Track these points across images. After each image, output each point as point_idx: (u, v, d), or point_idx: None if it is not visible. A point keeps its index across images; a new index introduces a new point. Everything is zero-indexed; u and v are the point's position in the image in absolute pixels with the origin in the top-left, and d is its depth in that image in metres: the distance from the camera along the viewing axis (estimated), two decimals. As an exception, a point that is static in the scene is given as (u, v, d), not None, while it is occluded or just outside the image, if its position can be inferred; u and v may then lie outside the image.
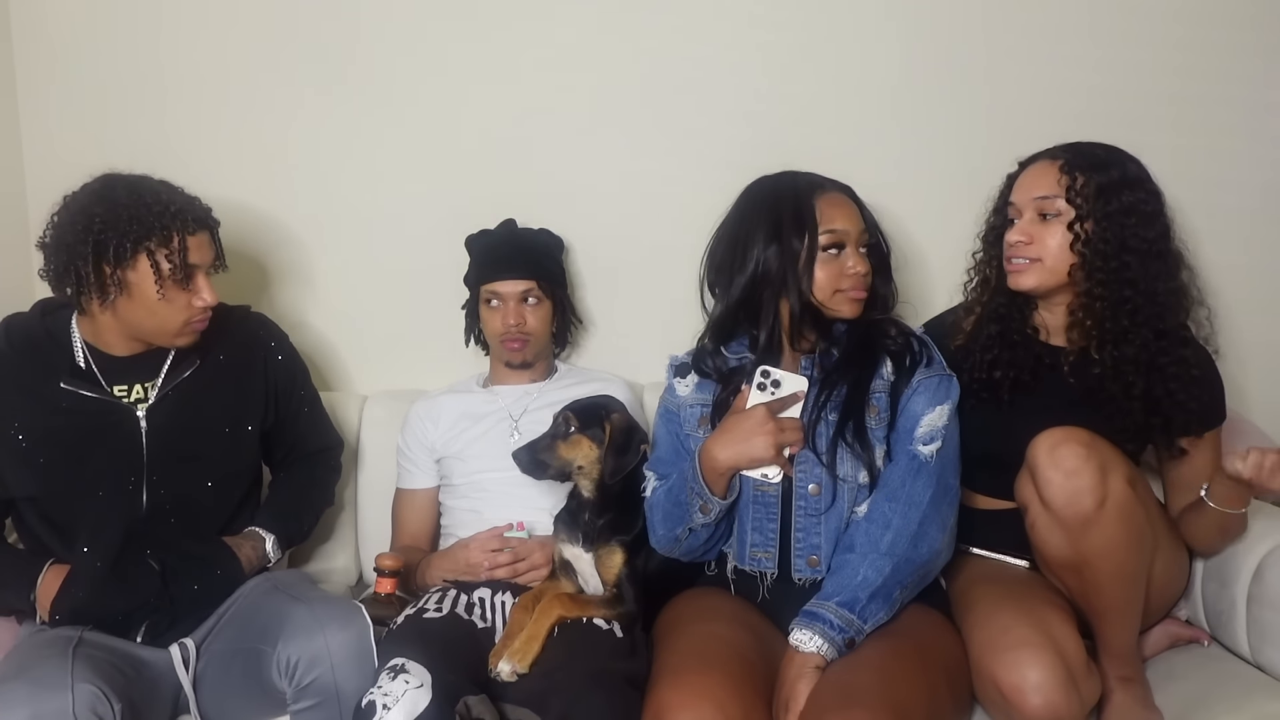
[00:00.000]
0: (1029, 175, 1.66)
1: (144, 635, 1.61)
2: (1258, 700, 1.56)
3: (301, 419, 1.87)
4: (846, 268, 1.55)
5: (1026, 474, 1.52)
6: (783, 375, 1.52)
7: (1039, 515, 1.51)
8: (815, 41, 2.17)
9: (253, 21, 2.17)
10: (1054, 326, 1.70)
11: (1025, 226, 1.63)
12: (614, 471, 1.63)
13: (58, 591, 1.57)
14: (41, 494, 1.60)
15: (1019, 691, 1.38)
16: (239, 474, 1.76)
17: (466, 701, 1.40)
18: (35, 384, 1.59)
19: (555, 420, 1.68)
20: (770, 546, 1.58)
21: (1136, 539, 1.49)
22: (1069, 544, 1.48)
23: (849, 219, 1.57)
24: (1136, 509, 1.49)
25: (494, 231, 2.02)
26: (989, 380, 1.67)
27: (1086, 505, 1.44)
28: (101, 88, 2.18)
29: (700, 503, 1.53)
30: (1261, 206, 2.21)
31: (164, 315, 1.58)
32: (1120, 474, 1.47)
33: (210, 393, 1.69)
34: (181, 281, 1.57)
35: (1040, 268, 1.62)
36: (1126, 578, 1.50)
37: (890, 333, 1.60)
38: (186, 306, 1.59)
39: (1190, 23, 2.16)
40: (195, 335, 1.64)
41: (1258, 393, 2.18)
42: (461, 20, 2.17)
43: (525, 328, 1.92)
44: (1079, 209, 1.58)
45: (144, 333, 1.62)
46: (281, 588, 1.65)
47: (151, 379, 1.65)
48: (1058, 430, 1.48)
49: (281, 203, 2.22)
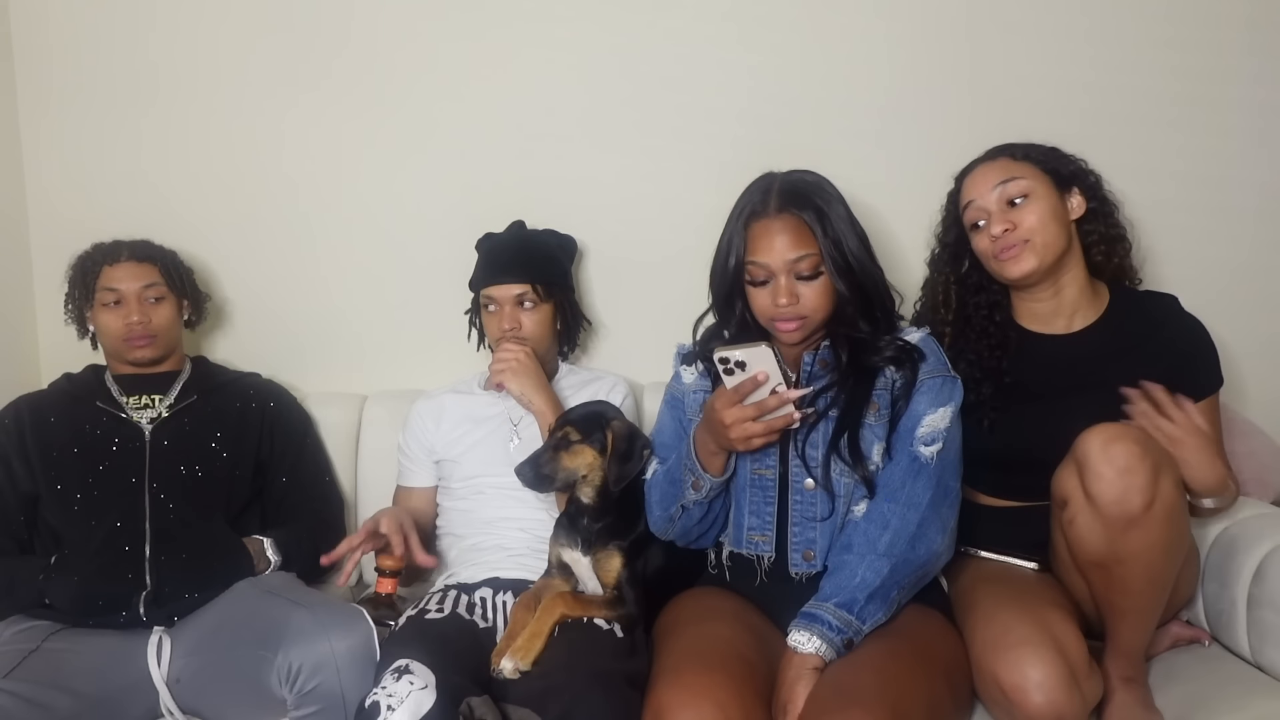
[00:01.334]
0: (977, 175, 1.70)
1: (145, 607, 1.66)
2: (1258, 701, 1.56)
3: (302, 468, 1.97)
4: (777, 293, 1.53)
5: (1071, 467, 1.49)
6: (743, 354, 1.43)
7: (1080, 510, 1.48)
8: (813, 45, 2.18)
9: (253, 22, 2.18)
10: (1041, 316, 1.71)
11: (1000, 217, 1.65)
12: (619, 479, 1.64)
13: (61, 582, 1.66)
14: (59, 489, 1.78)
15: (1021, 690, 1.38)
16: (235, 495, 1.87)
17: (470, 702, 1.40)
18: (76, 406, 1.87)
19: (553, 433, 1.68)
20: (768, 530, 1.58)
21: (1176, 543, 1.48)
22: (1107, 542, 1.46)
23: (776, 251, 1.52)
24: (1181, 514, 1.48)
25: (499, 235, 2.01)
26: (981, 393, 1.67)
27: (1135, 504, 1.42)
28: (98, 87, 2.19)
29: (692, 479, 1.54)
30: (1261, 206, 2.22)
31: (108, 332, 1.90)
32: (1171, 477, 1.45)
33: (211, 422, 1.89)
34: (111, 305, 1.89)
35: (1033, 246, 1.63)
36: (1155, 581, 1.49)
37: (879, 346, 1.57)
38: (122, 324, 1.88)
39: (1185, 22, 2.17)
40: (143, 349, 1.89)
41: (1257, 392, 2.19)
42: (462, 20, 2.17)
43: (521, 332, 1.90)
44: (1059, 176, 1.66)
45: (110, 351, 1.93)
46: (276, 592, 1.66)
47: (161, 393, 1.90)
48: (1110, 426, 1.46)
49: (281, 203, 2.22)
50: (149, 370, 1.92)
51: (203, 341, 2.24)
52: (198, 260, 2.13)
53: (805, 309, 1.54)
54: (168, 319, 1.93)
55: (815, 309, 1.55)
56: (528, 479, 1.65)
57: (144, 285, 1.90)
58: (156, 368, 1.93)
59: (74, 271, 1.95)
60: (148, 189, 2.20)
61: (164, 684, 1.61)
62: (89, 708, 1.53)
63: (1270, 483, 1.96)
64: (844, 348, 1.58)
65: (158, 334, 1.90)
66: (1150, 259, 1.79)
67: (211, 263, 2.21)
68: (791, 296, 1.53)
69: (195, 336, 2.18)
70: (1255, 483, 1.92)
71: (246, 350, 2.23)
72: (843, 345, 1.58)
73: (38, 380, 2.17)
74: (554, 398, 1.87)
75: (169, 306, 1.94)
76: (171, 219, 2.13)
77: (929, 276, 1.81)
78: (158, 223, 2.07)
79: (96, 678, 1.57)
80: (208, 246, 2.19)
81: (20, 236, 2.20)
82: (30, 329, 2.23)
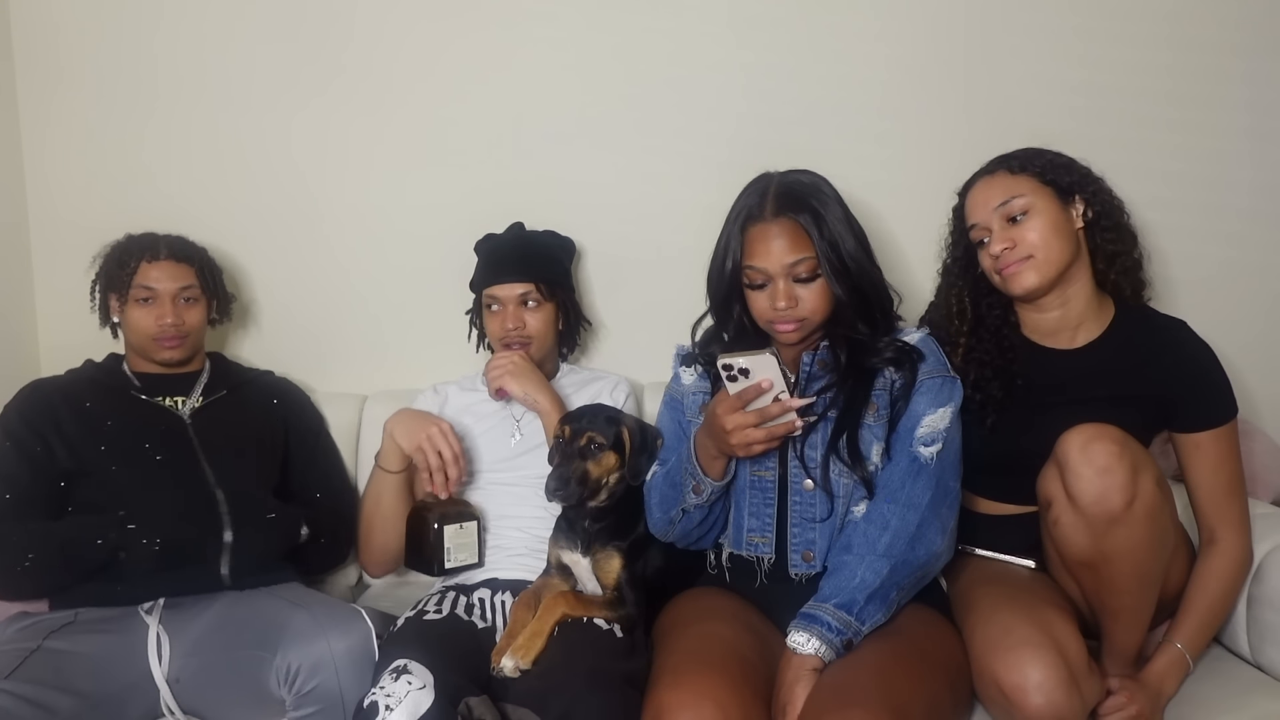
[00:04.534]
0: (977, 194, 1.68)
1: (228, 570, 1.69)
2: (1258, 700, 1.56)
3: (318, 462, 1.98)
4: (775, 296, 1.54)
5: (1053, 469, 1.51)
6: (747, 361, 1.43)
7: (1064, 511, 1.49)
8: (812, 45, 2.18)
9: (253, 23, 2.17)
10: (1045, 329, 1.70)
11: (1001, 235, 1.64)
12: (638, 472, 1.65)
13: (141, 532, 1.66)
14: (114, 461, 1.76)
15: (1020, 691, 1.38)
16: (269, 481, 1.88)
17: (468, 703, 1.40)
18: (112, 395, 1.86)
19: (570, 441, 1.64)
20: (767, 531, 1.58)
21: (1159, 541, 1.49)
22: (1092, 541, 1.47)
23: (773, 256, 1.52)
24: (1162, 512, 1.48)
25: (500, 236, 2.02)
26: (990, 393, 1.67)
27: (1116, 503, 1.43)
28: (101, 87, 2.18)
29: (693, 484, 1.54)
30: (1261, 206, 2.22)
31: (138, 328, 1.87)
32: (1151, 475, 1.46)
33: (242, 413, 1.91)
34: (143, 301, 1.86)
35: (1035, 262, 1.62)
36: (1143, 579, 1.50)
37: (878, 347, 1.56)
38: (155, 323, 1.85)
39: (1184, 21, 2.17)
40: (173, 350, 1.88)
41: (1257, 392, 2.19)
42: (463, 20, 2.17)
43: (525, 331, 1.91)
44: (1059, 187, 1.64)
45: (135, 347, 1.91)
46: (275, 592, 1.66)
47: (185, 394, 1.90)
48: (1089, 426, 1.47)
49: (283, 203, 2.22)
50: (171, 370, 1.90)
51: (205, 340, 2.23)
52: (199, 260, 2.13)
53: (804, 311, 1.54)
54: (199, 321, 1.93)
55: (814, 311, 1.55)
56: (568, 495, 1.61)
57: (181, 287, 1.89)
58: (179, 369, 1.91)
59: (107, 260, 1.92)
60: (149, 189, 2.20)
61: (165, 682, 1.61)
62: (90, 708, 1.53)
63: (1270, 483, 1.96)
64: (843, 348, 1.58)
65: (188, 335, 1.89)
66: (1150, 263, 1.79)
67: (212, 263, 2.21)
68: (790, 300, 1.53)
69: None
70: (1255, 483, 1.92)
71: (246, 351, 2.23)
72: (841, 346, 1.58)
73: (36, 369, 2.17)
74: (557, 395, 1.87)
75: (200, 308, 1.93)
76: (173, 219, 2.12)
77: (941, 287, 1.80)
78: (159, 223, 2.06)
79: (97, 677, 1.57)
80: (209, 246, 2.18)
81: (20, 236, 2.20)
82: (30, 329, 2.23)
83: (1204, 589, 1.61)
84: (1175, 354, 1.63)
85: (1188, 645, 1.58)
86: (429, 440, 1.78)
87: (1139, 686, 1.53)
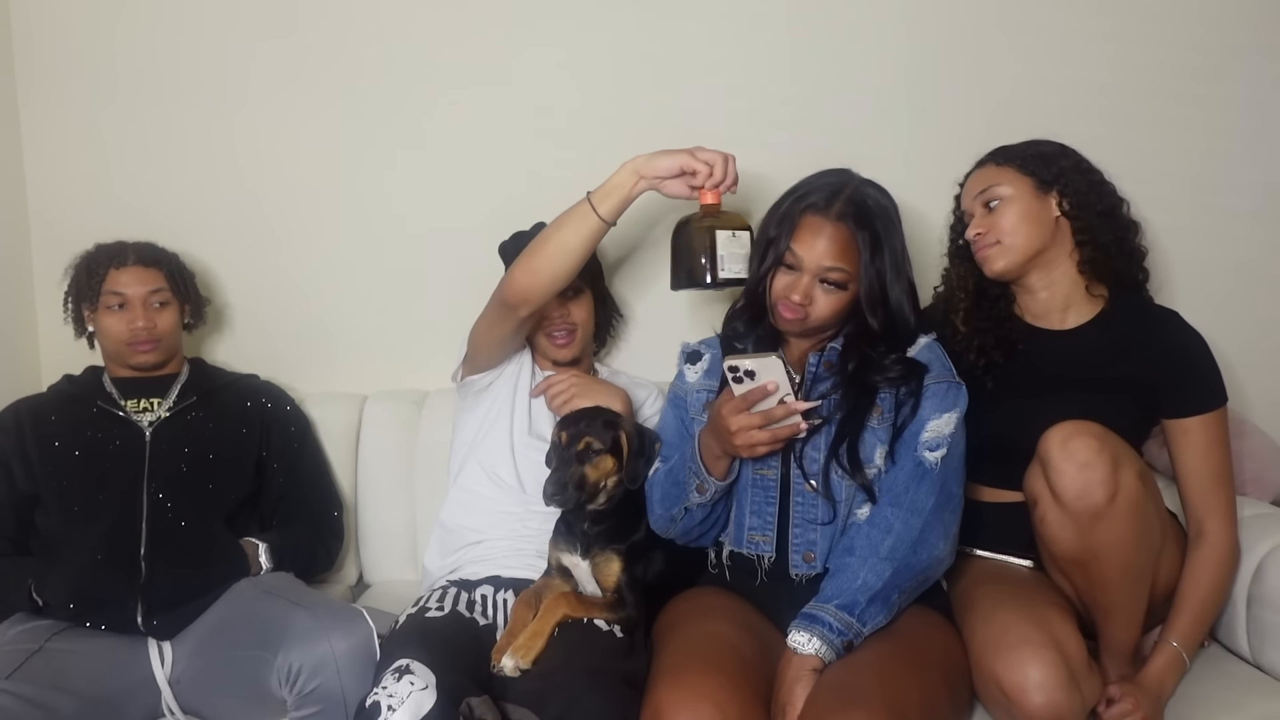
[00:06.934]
0: (968, 184, 1.79)
1: (142, 618, 1.64)
2: (1258, 700, 1.57)
3: (301, 470, 1.97)
4: (796, 287, 1.53)
5: (1037, 466, 1.53)
6: (753, 363, 1.45)
7: (1049, 508, 1.51)
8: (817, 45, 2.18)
9: (253, 24, 2.17)
10: (1036, 310, 1.75)
11: (978, 221, 1.73)
12: (636, 476, 1.64)
13: (58, 581, 1.65)
14: (60, 490, 1.77)
15: (1020, 690, 1.38)
16: (234, 495, 1.86)
17: (469, 703, 1.40)
18: (77, 407, 1.86)
19: (568, 449, 1.64)
20: (769, 530, 1.58)
21: (1145, 535, 1.50)
22: (1078, 537, 1.48)
23: (816, 251, 1.52)
24: (1146, 505, 1.49)
25: (527, 233, 1.99)
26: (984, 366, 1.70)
27: (1098, 498, 1.44)
28: (98, 89, 2.18)
29: (697, 483, 1.54)
30: (1261, 206, 2.22)
31: (111, 334, 1.89)
32: (1132, 469, 1.48)
33: (210, 423, 1.89)
34: (114, 308, 1.88)
35: (1001, 249, 1.70)
36: (1132, 574, 1.51)
37: (884, 365, 1.55)
38: (126, 328, 1.87)
39: (1192, 22, 2.17)
40: (147, 354, 1.89)
41: (1257, 392, 2.19)
42: (464, 19, 2.17)
43: (570, 319, 1.91)
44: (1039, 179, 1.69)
45: (111, 354, 1.92)
46: (275, 592, 1.66)
47: (161, 395, 1.90)
48: (1069, 423, 1.49)
49: (281, 204, 2.22)
50: (149, 374, 1.92)
51: (203, 343, 2.24)
52: (197, 261, 2.13)
53: (814, 312, 1.54)
54: (171, 324, 1.93)
55: (822, 316, 1.55)
56: (566, 499, 1.61)
57: (150, 290, 1.90)
58: (156, 371, 1.93)
59: (77, 271, 1.94)
60: (147, 189, 2.20)
61: (166, 683, 1.61)
62: (91, 708, 1.53)
63: (1270, 483, 1.97)
64: (853, 358, 1.57)
65: (161, 339, 1.90)
66: (1148, 258, 1.80)
67: (211, 263, 2.21)
68: (806, 297, 1.53)
69: (195, 338, 2.18)
70: (1255, 483, 1.93)
71: (246, 351, 2.23)
72: (853, 356, 1.57)
73: (38, 381, 2.17)
74: (625, 397, 1.86)
75: (172, 311, 1.94)
76: (171, 219, 2.14)
77: (947, 268, 1.86)
78: (157, 223, 2.07)
79: (98, 679, 1.57)
80: (207, 247, 2.19)
81: (20, 236, 2.20)
82: (30, 329, 2.23)
83: (1195, 584, 1.62)
84: (1165, 340, 1.66)
85: (1183, 643, 1.59)
86: (693, 153, 1.64)
87: (1140, 690, 1.53)
